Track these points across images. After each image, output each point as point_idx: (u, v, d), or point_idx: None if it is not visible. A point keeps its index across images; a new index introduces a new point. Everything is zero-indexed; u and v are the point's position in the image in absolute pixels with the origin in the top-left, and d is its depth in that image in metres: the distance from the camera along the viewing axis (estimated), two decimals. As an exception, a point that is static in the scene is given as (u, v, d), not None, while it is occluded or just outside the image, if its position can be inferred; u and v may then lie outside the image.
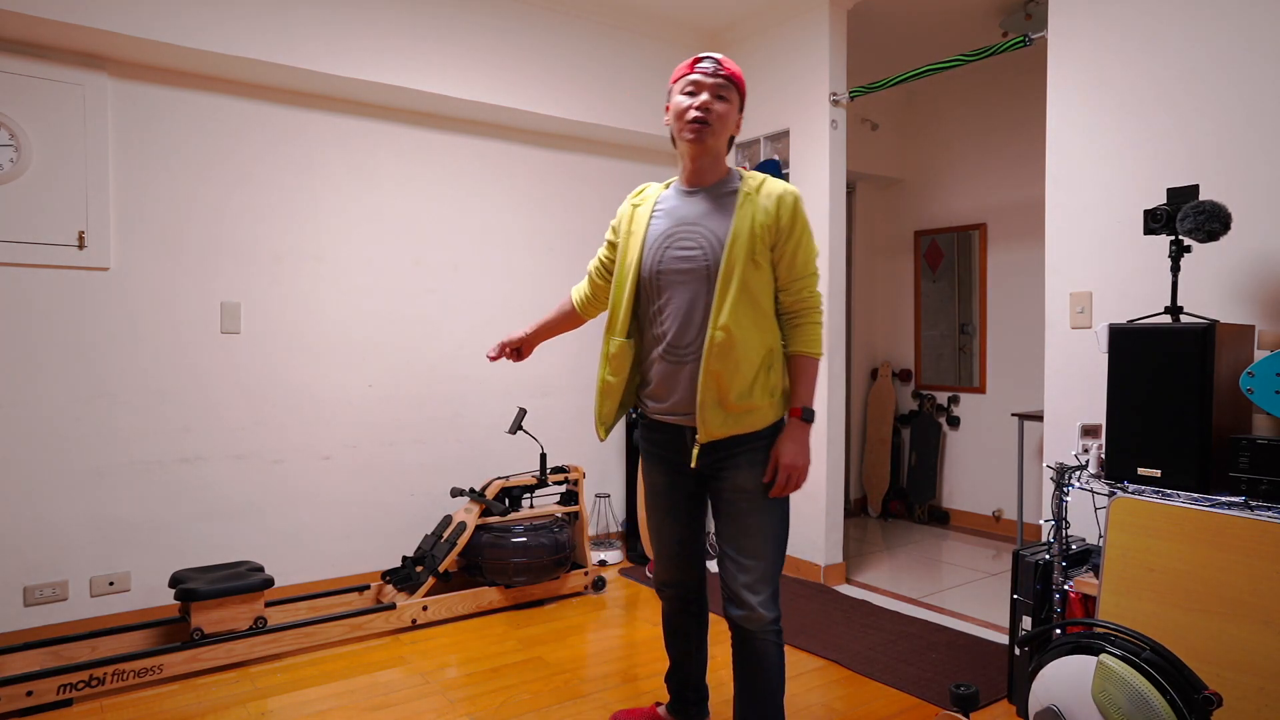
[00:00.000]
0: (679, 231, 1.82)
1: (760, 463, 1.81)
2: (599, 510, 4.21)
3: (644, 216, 1.89)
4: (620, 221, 1.98)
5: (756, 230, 1.76)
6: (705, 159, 1.83)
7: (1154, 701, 1.58)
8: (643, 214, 1.91)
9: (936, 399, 4.99)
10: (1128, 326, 2.09)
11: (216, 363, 3.13)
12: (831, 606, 3.33)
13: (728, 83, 1.79)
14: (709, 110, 1.77)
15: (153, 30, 2.73)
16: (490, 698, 2.50)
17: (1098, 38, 2.63)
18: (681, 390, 1.83)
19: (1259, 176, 2.27)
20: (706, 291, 1.78)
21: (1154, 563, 1.96)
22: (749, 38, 4.02)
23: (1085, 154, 2.66)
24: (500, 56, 3.53)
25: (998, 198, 4.66)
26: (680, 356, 1.82)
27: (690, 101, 1.78)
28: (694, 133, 1.78)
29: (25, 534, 2.79)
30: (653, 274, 1.84)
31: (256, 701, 2.47)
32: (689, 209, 1.84)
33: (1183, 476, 1.98)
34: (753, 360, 1.76)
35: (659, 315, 1.85)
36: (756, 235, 1.76)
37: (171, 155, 3.03)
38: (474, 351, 3.77)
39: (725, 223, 1.79)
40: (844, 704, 2.45)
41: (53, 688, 2.39)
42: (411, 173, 3.58)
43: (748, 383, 1.76)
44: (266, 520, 3.24)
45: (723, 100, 1.79)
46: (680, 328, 1.81)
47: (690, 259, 1.79)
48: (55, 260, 2.81)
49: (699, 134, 1.78)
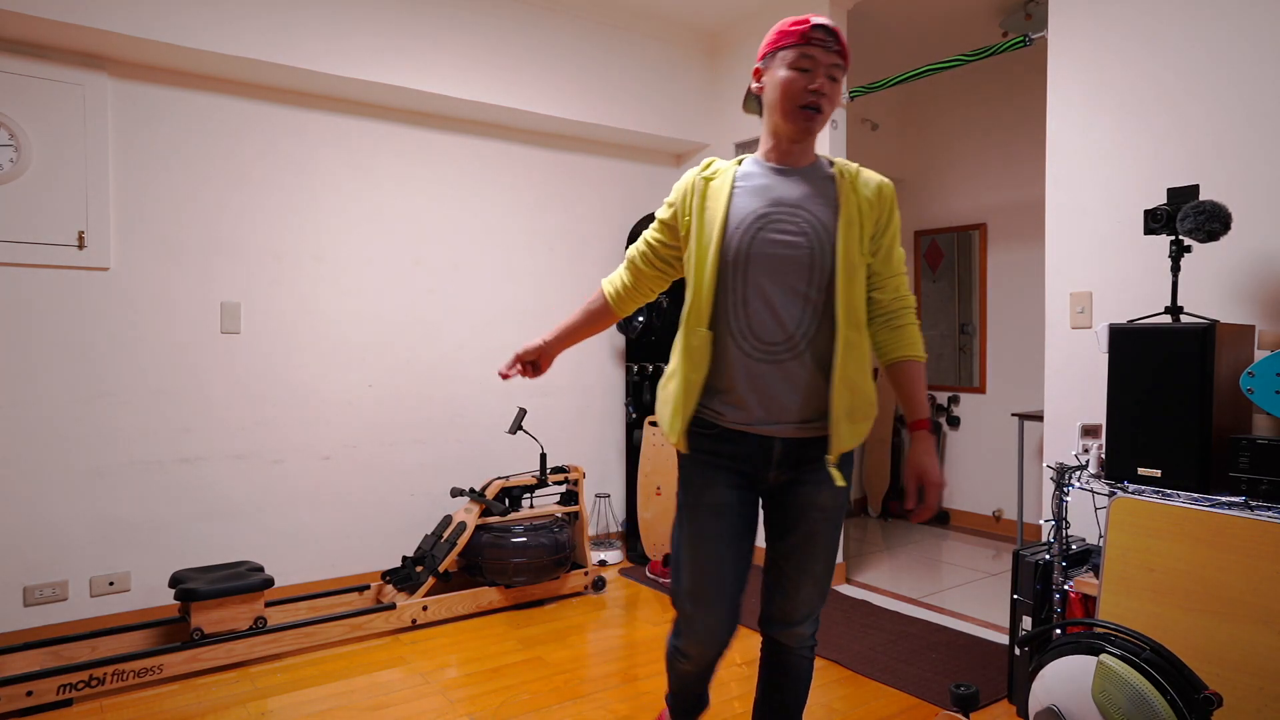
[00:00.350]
0: (776, 213, 1.59)
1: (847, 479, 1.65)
2: (599, 510, 4.21)
3: (723, 192, 1.62)
4: (687, 197, 1.68)
5: (864, 221, 1.59)
6: (806, 141, 1.63)
7: (1154, 701, 1.58)
8: (720, 189, 1.63)
9: (937, 399, 4.99)
10: (1128, 326, 2.09)
11: (216, 363, 3.13)
12: (832, 606, 3.33)
13: (841, 61, 1.58)
14: (824, 95, 1.56)
15: (153, 30, 2.73)
16: (490, 698, 2.50)
17: (1098, 38, 2.63)
18: (776, 395, 1.59)
19: (1259, 176, 2.27)
20: (806, 283, 1.57)
21: (1154, 563, 1.96)
22: (749, 38, 4.02)
23: (1085, 154, 2.66)
24: (500, 56, 3.53)
25: (998, 198, 4.66)
26: (771, 355, 1.58)
27: (805, 82, 1.55)
28: (807, 120, 1.57)
29: (25, 534, 2.79)
30: (741, 258, 1.58)
31: (256, 701, 2.47)
32: (785, 189, 1.61)
33: (1183, 476, 1.98)
34: (870, 364, 1.63)
35: (744, 306, 1.59)
36: (864, 227, 1.59)
37: (172, 155, 3.03)
38: (474, 351, 3.77)
39: (829, 209, 1.59)
40: (844, 704, 2.45)
41: (53, 688, 2.39)
42: (411, 173, 3.58)
43: (872, 388, 1.63)
44: (266, 520, 3.24)
45: (835, 81, 1.58)
46: (771, 322, 1.57)
47: (792, 245, 1.56)
48: (55, 260, 2.81)
49: (812, 120, 1.57)
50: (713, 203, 1.63)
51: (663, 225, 1.74)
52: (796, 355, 1.58)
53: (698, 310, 1.61)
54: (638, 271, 1.81)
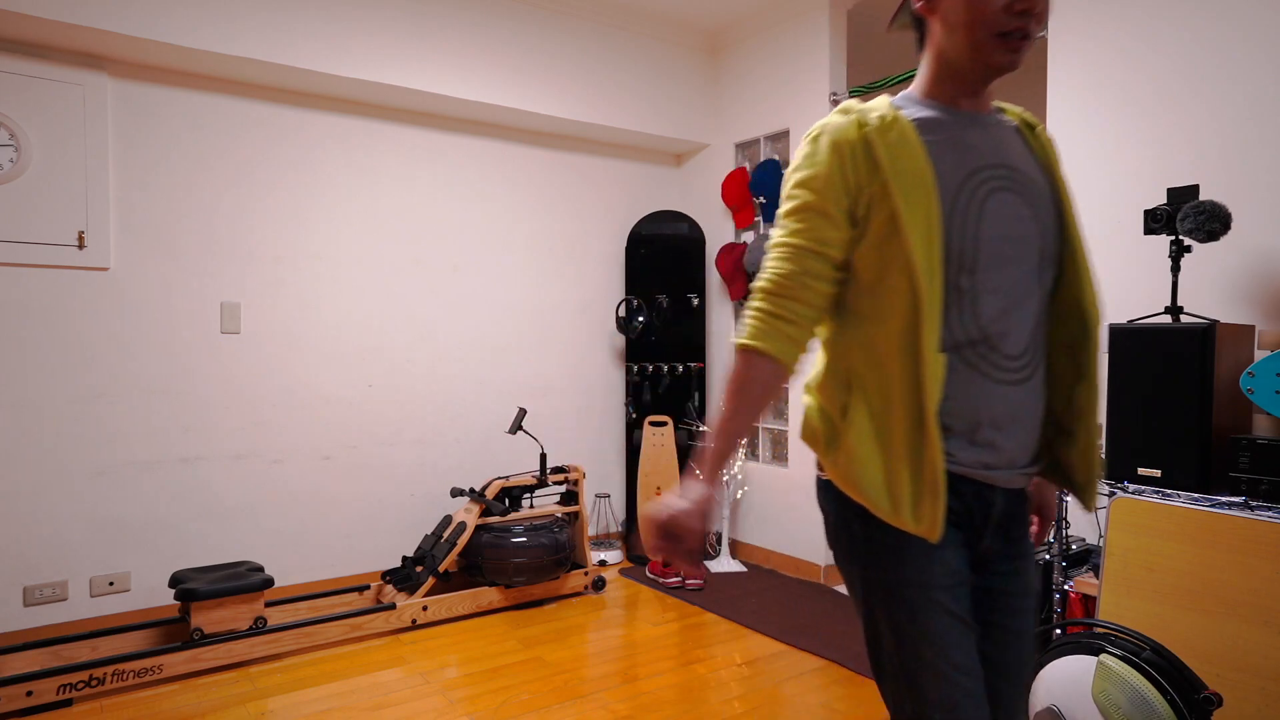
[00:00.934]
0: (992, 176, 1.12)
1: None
2: (599, 510, 4.21)
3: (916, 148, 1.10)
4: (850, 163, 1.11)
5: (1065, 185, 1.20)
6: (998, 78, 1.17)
7: (1154, 701, 1.58)
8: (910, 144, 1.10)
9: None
10: (1128, 326, 2.09)
11: (216, 363, 3.13)
12: (832, 606, 3.33)
13: None
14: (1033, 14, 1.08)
15: (153, 30, 2.73)
16: (490, 698, 2.50)
17: (1097, 37, 2.63)
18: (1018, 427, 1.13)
19: (1259, 176, 2.27)
20: (1042, 269, 1.14)
21: (1154, 563, 1.96)
22: (749, 38, 4.02)
23: (1085, 154, 2.66)
24: (500, 56, 3.53)
25: (998, 198, 4.66)
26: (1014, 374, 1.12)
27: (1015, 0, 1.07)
28: (1011, 52, 1.09)
29: (25, 534, 2.79)
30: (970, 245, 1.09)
31: (256, 701, 2.47)
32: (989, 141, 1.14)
33: (1183, 476, 1.98)
34: None
35: (973, 305, 1.10)
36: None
37: (171, 155, 3.03)
38: (474, 351, 3.77)
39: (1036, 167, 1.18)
40: (844, 704, 2.45)
41: (53, 688, 2.39)
42: (411, 173, 3.58)
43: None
44: (266, 520, 3.24)
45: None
46: (1017, 327, 1.12)
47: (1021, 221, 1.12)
48: (55, 260, 2.81)
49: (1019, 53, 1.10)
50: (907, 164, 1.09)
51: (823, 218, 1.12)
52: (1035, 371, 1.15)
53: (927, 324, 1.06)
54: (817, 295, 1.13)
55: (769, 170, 3.86)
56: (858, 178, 1.10)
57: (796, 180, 1.14)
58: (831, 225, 1.12)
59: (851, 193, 1.11)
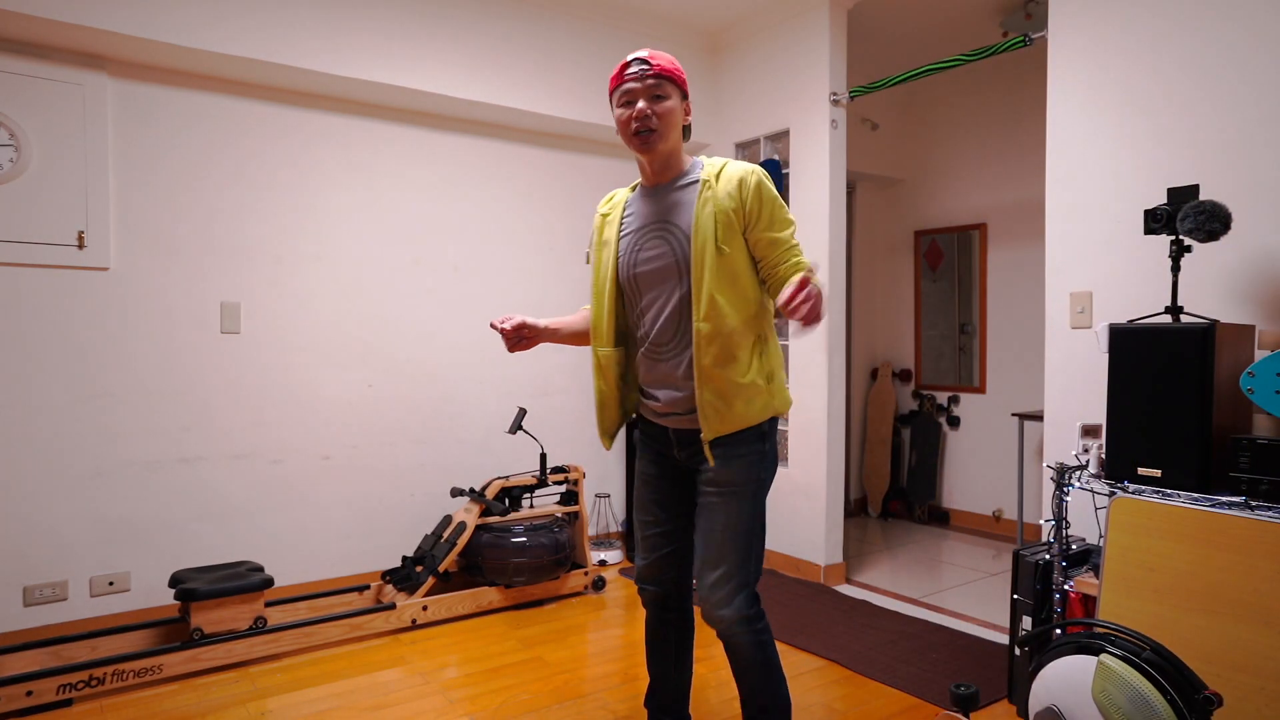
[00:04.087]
0: (645, 231, 1.82)
1: (742, 456, 1.78)
2: (599, 510, 4.21)
3: (615, 223, 1.89)
4: (594, 234, 1.96)
5: (719, 218, 1.72)
6: (659, 160, 1.80)
7: (1154, 701, 1.58)
8: (613, 221, 1.90)
9: (936, 399, 4.99)
10: (1128, 326, 2.09)
11: (216, 363, 3.13)
12: (831, 606, 3.33)
13: (660, 80, 1.73)
14: (649, 117, 1.72)
15: (153, 30, 2.73)
16: (490, 698, 2.50)
17: (1098, 37, 2.63)
18: (669, 389, 1.83)
19: (1259, 176, 2.27)
20: (682, 286, 1.76)
21: (1154, 563, 1.95)
22: (749, 37, 4.02)
23: (1085, 154, 2.66)
24: (499, 56, 3.53)
25: (998, 198, 4.66)
26: (661, 354, 1.82)
27: (629, 113, 1.74)
28: (643, 143, 1.75)
29: (25, 534, 2.79)
30: (629, 278, 1.84)
31: (256, 701, 2.46)
32: (652, 208, 1.83)
33: (1183, 476, 1.98)
34: (744, 345, 1.74)
35: (641, 317, 1.85)
36: (720, 223, 1.72)
37: (171, 155, 3.03)
38: (474, 351, 3.77)
39: (688, 216, 1.77)
40: (844, 704, 2.45)
41: (53, 688, 2.39)
42: (411, 173, 3.58)
43: (745, 367, 1.74)
44: (266, 520, 3.24)
45: (660, 99, 1.73)
46: (661, 327, 1.80)
47: (659, 257, 1.79)
48: (55, 260, 2.81)
49: (647, 143, 1.75)
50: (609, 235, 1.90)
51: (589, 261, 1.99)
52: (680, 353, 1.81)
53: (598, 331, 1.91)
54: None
55: (770, 169, 3.86)
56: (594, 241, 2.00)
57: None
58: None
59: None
